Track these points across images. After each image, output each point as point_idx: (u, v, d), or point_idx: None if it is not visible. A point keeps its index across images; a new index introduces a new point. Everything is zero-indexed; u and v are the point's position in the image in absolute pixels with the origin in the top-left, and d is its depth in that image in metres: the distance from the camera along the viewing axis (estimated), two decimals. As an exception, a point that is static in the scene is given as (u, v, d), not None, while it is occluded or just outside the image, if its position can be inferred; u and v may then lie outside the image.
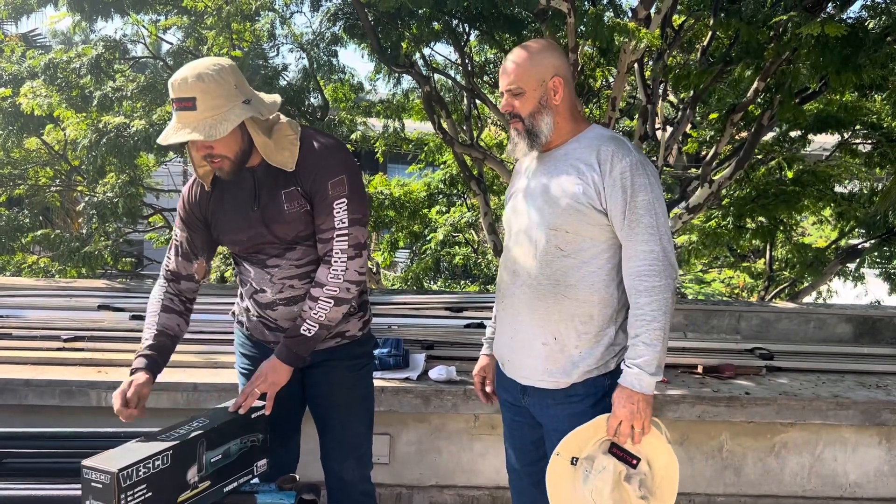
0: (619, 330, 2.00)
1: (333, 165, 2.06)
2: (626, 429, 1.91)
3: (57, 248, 6.30)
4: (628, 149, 1.95)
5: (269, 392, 2.07)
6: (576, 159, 1.98)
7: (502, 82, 2.05)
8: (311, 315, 2.08)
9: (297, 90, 6.04)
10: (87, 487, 1.71)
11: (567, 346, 1.99)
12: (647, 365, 1.89)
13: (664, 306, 1.89)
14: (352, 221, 2.06)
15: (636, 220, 1.91)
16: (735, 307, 4.32)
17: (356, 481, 2.35)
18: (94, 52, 5.88)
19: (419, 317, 3.99)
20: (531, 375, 2.06)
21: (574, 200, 1.94)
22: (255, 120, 2.00)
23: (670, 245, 1.94)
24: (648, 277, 1.90)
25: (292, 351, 2.09)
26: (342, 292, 2.07)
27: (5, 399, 3.00)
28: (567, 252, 1.96)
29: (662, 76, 5.77)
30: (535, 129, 2.01)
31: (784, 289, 8.18)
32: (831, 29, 3.74)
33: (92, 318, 3.78)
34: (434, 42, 5.94)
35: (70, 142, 6.40)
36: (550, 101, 2.00)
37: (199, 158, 2.06)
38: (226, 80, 1.94)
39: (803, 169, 7.08)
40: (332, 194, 2.04)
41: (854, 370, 3.61)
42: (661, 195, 1.96)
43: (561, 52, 2.08)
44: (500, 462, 3.27)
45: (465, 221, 9.20)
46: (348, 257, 2.06)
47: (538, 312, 2.01)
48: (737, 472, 3.34)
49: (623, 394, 1.91)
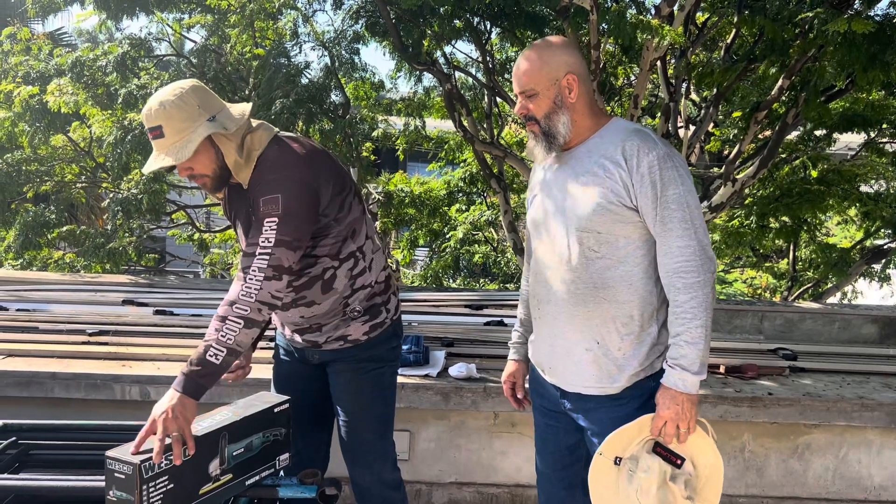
0: (663, 328, 1.94)
1: (272, 182, 1.98)
2: (671, 429, 1.86)
3: (82, 243, 6.40)
4: (654, 141, 1.88)
5: (185, 431, 1.81)
6: (600, 156, 1.91)
7: (515, 85, 1.99)
8: (218, 338, 1.90)
9: (318, 88, 6.05)
10: (111, 478, 1.73)
11: (611, 350, 1.93)
12: (690, 364, 1.84)
13: (705, 302, 1.84)
14: (278, 242, 1.94)
15: (669, 216, 1.85)
16: (758, 307, 4.28)
17: (370, 486, 2.33)
18: (120, 50, 5.96)
19: (439, 314, 3.99)
20: (577, 382, 1.99)
21: (603, 200, 1.87)
22: (226, 136, 2.01)
23: (706, 237, 1.88)
24: (686, 274, 1.84)
25: (198, 382, 1.87)
26: (253, 313, 1.92)
27: (32, 392, 3.04)
28: (601, 253, 1.90)
29: (685, 74, 5.74)
30: (552, 131, 1.95)
31: (807, 289, 8.09)
32: (858, 25, 3.68)
33: (116, 312, 3.83)
34: (455, 40, 5.94)
35: (95, 139, 6.49)
36: (566, 99, 1.93)
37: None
38: (187, 102, 1.97)
39: (828, 168, 6.99)
40: (263, 210, 1.96)
41: (879, 371, 3.56)
42: (692, 186, 1.89)
43: (573, 48, 2.01)
44: (520, 460, 3.27)
45: (484, 220, 9.18)
46: (265, 277, 1.94)
47: (578, 318, 1.95)
48: (759, 473, 3.31)
49: (667, 394, 1.86)
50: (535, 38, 5.96)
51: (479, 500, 3.32)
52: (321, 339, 2.21)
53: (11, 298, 3.93)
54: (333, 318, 2.19)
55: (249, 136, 2.06)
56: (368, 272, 2.22)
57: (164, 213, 7.16)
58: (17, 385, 3.04)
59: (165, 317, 3.78)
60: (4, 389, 3.02)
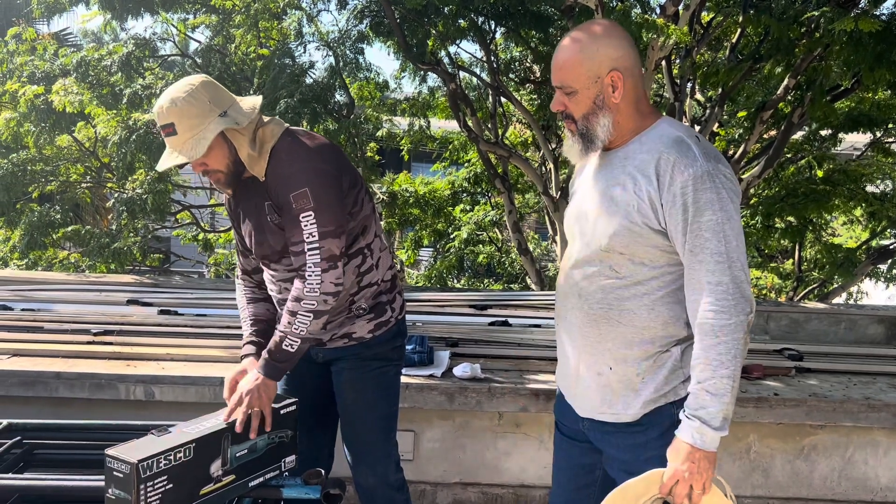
0: (688, 349, 1.71)
1: (293, 177, 2.00)
2: (682, 489, 1.64)
3: (87, 243, 6.41)
4: (693, 157, 1.62)
5: (266, 409, 2.01)
6: (634, 167, 1.69)
7: (552, 78, 1.76)
8: (293, 330, 2.04)
9: (323, 88, 6.06)
10: (110, 476, 1.73)
11: (627, 374, 1.74)
12: (710, 418, 1.60)
13: (734, 349, 1.59)
14: (322, 234, 2.00)
15: (700, 245, 1.61)
16: (764, 307, 4.26)
17: (373, 487, 2.32)
18: (125, 50, 5.97)
19: (443, 314, 3.98)
20: (587, 407, 1.83)
21: (627, 220, 1.66)
22: (239, 131, 2.01)
23: (744, 273, 1.62)
24: (716, 316, 1.60)
25: (276, 367, 2.05)
26: (320, 305, 2.03)
27: (37, 391, 3.04)
28: (622, 275, 1.71)
29: (690, 73, 5.72)
30: (590, 133, 1.72)
31: (813, 290, 8.06)
32: (865, 24, 3.67)
33: (121, 312, 3.83)
34: (460, 39, 5.96)
35: (100, 139, 6.50)
36: (608, 99, 1.69)
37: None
38: (198, 98, 1.97)
39: (834, 168, 6.98)
40: (297, 207, 1.99)
41: (886, 372, 3.54)
42: (734, 214, 1.63)
43: (621, 37, 1.73)
44: (524, 460, 3.26)
45: (489, 220, 9.18)
46: (322, 270, 2.01)
47: (590, 339, 1.77)
48: (765, 473, 3.29)
49: (681, 449, 1.63)
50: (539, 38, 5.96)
51: (483, 501, 3.31)
52: (326, 336, 2.21)
53: (16, 298, 3.93)
54: (339, 315, 2.19)
55: (262, 129, 2.06)
56: (375, 270, 2.22)
57: (169, 213, 7.17)
58: (21, 385, 3.04)
59: (170, 316, 3.77)
60: (9, 389, 3.02)
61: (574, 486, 1.98)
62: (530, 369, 3.28)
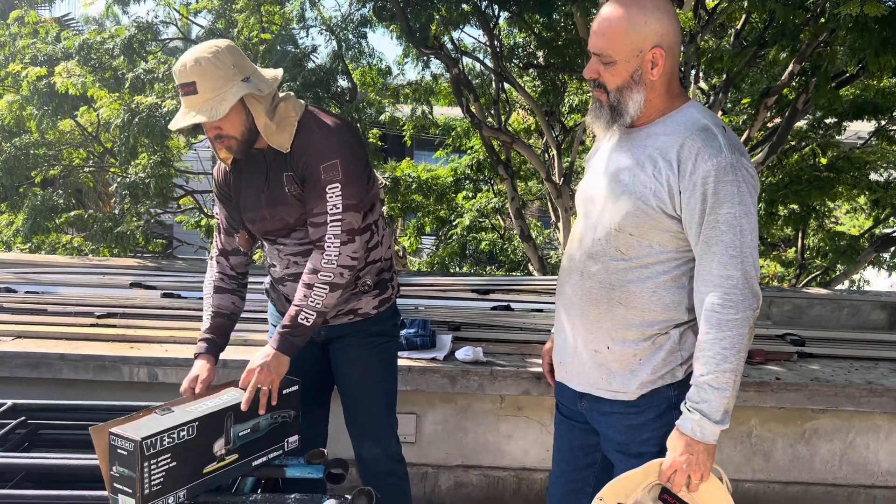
0: (687, 331, 1.72)
1: (326, 148, 2.01)
2: (681, 478, 1.65)
3: (90, 228, 6.42)
4: (719, 147, 1.59)
5: (275, 385, 2.01)
6: (656, 149, 1.65)
7: (591, 42, 1.68)
8: (308, 303, 2.03)
9: (325, 73, 6.04)
10: (114, 454, 1.74)
11: (624, 355, 1.74)
12: (711, 412, 1.62)
13: (738, 344, 1.61)
14: (346, 207, 2.01)
15: (715, 238, 1.60)
16: (766, 292, 4.26)
17: (377, 459, 2.35)
18: (127, 33, 5.95)
19: (446, 299, 3.99)
20: (585, 383, 1.83)
21: (642, 201, 1.64)
22: (258, 99, 2.00)
23: (755, 269, 1.63)
24: (723, 309, 1.60)
25: (291, 341, 2.04)
26: (336, 277, 2.03)
27: (41, 373, 3.06)
28: (627, 256, 1.69)
29: (695, 60, 5.69)
30: (622, 107, 1.67)
31: (815, 277, 8.06)
32: (871, 9, 3.65)
33: (124, 295, 3.84)
34: (463, 24, 5.92)
35: (103, 123, 6.49)
36: (646, 75, 1.64)
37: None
38: (223, 61, 1.95)
39: (838, 155, 6.96)
40: (325, 178, 2.00)
41: (888, 357, 3.54)
42: (751, 209, 1.62)
43: (670, 12, 1.65)
44: (526, 443, 3.28)
45: (491, 207, 9.18)
46: (341, 242, 2.02)
47: (589, 318, 1.76)
48: (766, 457, 3.30)
49: (681, 440, 1.65)
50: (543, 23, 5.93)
51: (485, 484, 3.33)
52: (331, 312, 2.21)
53: (20, 281, 3.94)
54: (345, 291, 2.19)
55: (283, 103, 2.06)
56: (381, 246, 2.24)
57: (172, 198, 7.17)
58: (26, 366, 3.05)
59: (173, 299, 3.78)
60: (14, 370, 3.04)
61: (573, 468, 1.99)
62: (532, 353, 3.29)
